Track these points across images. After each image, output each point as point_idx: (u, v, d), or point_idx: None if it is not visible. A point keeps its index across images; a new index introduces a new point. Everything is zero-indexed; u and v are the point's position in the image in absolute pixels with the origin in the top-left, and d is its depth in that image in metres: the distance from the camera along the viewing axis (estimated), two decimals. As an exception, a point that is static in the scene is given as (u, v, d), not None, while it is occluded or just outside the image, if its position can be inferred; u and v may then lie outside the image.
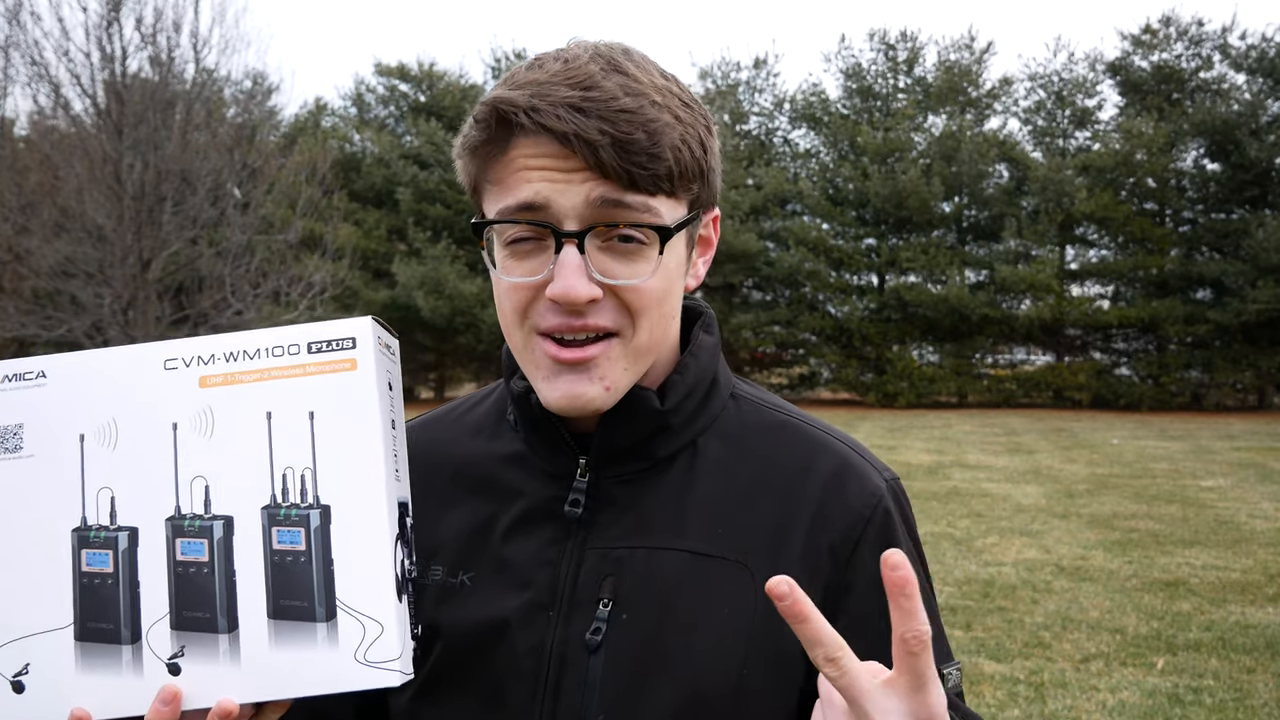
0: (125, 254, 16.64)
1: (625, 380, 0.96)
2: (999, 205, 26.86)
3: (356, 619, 0.83)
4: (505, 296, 0.96)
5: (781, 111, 30.19)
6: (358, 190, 27.96)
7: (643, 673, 0.95)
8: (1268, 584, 6.87)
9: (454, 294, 25.29)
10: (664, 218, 0.92)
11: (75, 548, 0.86)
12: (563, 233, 0.90)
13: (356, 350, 0.87)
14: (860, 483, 1.01)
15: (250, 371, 0.87)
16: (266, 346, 0.87)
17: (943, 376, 26.35)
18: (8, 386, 0.89)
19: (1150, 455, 14.58)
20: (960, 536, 8.45)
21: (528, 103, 0.89)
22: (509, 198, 0.92)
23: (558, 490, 1.01)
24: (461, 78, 30.69)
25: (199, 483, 0.86)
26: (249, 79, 21.66)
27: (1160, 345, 26.30)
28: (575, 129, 0.87)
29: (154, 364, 0.88)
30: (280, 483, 0.85)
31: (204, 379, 0.87)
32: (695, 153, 0.94)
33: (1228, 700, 4.76)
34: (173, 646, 0.84)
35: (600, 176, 0.89)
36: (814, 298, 27.81)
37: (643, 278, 0.92)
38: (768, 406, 1.09)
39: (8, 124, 19.19)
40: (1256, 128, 24.74)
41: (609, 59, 0.92)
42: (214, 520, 0.85)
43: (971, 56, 28.36)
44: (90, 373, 0.89)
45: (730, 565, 0.97)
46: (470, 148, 0.97)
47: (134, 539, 0.85)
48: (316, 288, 18.26)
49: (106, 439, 0.87)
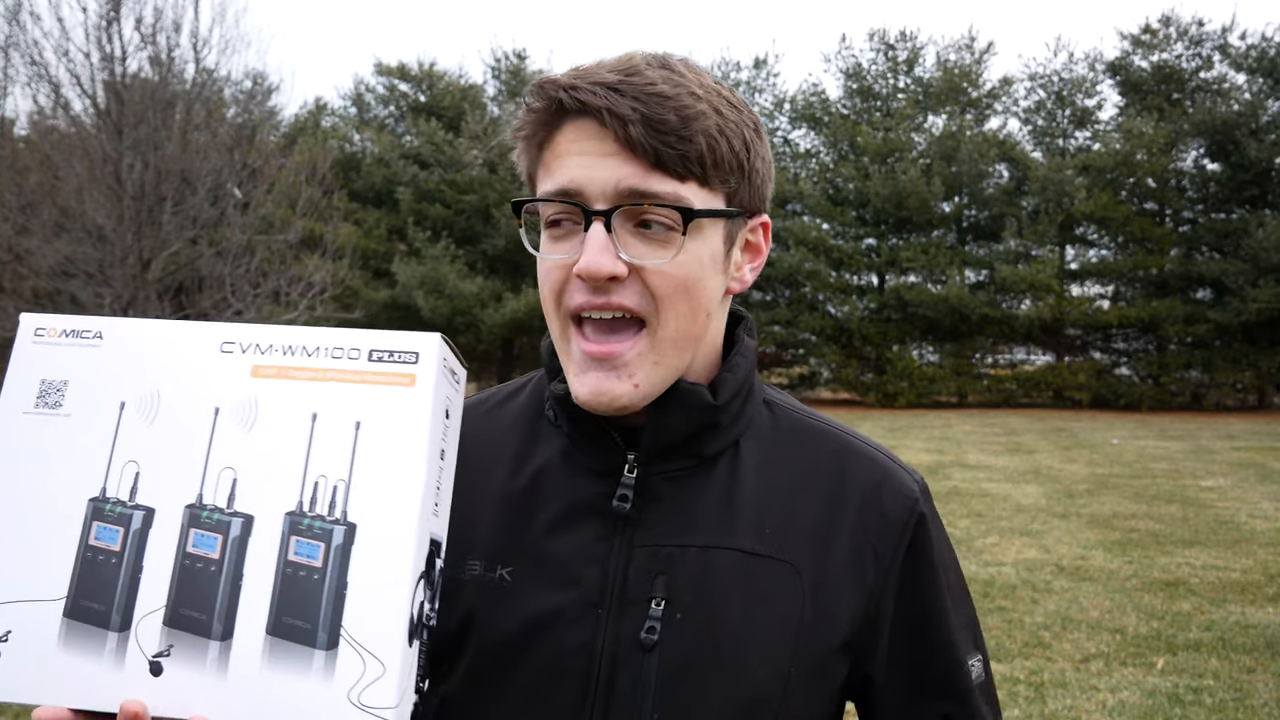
0: (125, 254, 16.63)
1: (656, 377, 0.96)
2: (999, 205, 26.86)
3: (358, 653, 0.77)
4: (544, 279, 0.98)
5: (782, 111, 30.18)
6: (358, 190, 27.97)
7: (697, 672, 0.95)
8: (1268, 584, 6.87)
9: (454, 294, 25.29)
10: (692, 204, 0.94)
11: (88, 518, 0.82)
12: (591, 211, 0.92)
13: (418, 366, 0.83)
14: (897, 488, 1.05)
15: (305, 368, 0.83)
16: (327, 346, 0.84)
17: (943, 376, 26.34)
18: (63, 341, 0.86)
19: (1150, 455, 14.58)
20: (960, 536, 8.45)
21: (569, 81, 0.93)
22: (549, 182, 0.95)
23: (603, 486, 1.01)
24: (461, 78, 30.69)
25: (227, 474, 0.81)
26: (249, 79, 21.65)
27: (1160, 345, 26.30)
28: (608, 104, 0.90)
29: (211, 343, 0.85)
30: (310, 490, 0.80)
31: (257, 368, 0.84)
32: (734, 146, 0.96)
33: (1228, 700, 4.76)
34: (160, 643, 0.79)
35: (629, 156, 0.91)
36: (814, 298, 27.80)
37: (666, 259, 0.93)
38: (799, 413, 1.11)
39: (8, 124, 19.18)
40: (1256, 128, 24.74)
41: (659, 58, 0.96)
42: (234, 516, 0.80)
43: (971, 57, 28.37)
44: (145, 341, 0.86)
45: (779, 565, 0.99)
46: (525, 136, 0.99)
47: (148, 520, 0.81)
48: (316, 288, 18.26)
49: (146, 411, 0.83)
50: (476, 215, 27.33)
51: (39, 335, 0.86)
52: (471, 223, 27.43)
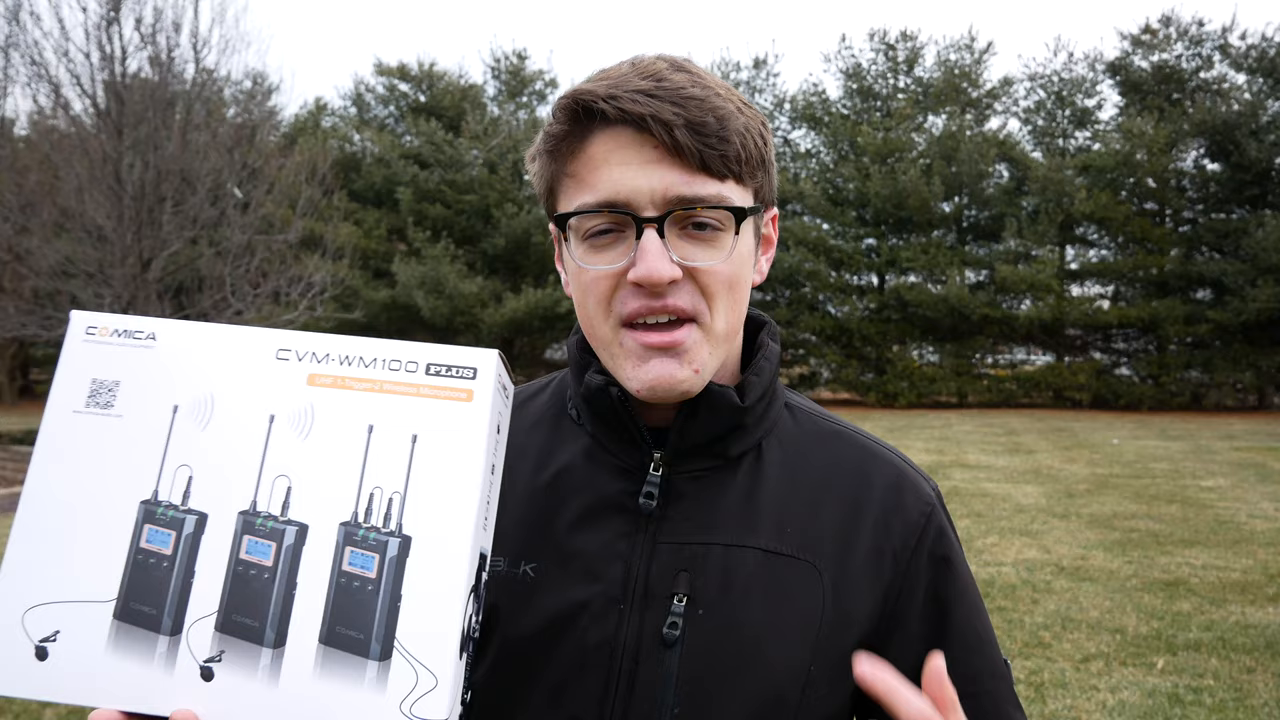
0: (125, 254, 16.63)
1: (712, 365, 0.99)
2: (999, 205, 26.86)
3: (411, 665, 0.77)
4: (589, 289, 0.98)
5: (782, 112, 30.18)
6: (358, 190, 27.96)
7: (718, 668, 0.96)
8: (1268, 584, 6.87)
9: (454, 294, 25.29)
10: (736, 203, 0.97)
11: (139, 520, 0.81)
12: (643, 219, 0.94)
13: (476, 381, 0.83)
14: (915, 493, 1.07)
15: (362, 379, 0.83)
16: (384, 358, 0.84)
17: (943, 376, 26.34)
18: (115, 341, 0.85)
19: (1150, 455, 14.57)
20: (960, 536, 8.40)
21: (606, 92, 0.94)
22: (588, 193, 0.96)
23: (628, 484, 1.02)
24: (461, 78, 30.68)
25: (281, 482, 0.81)
26: (249, 79, 21.66)
27: (1160, 345, 26.28)
28: (652, 111, 0.92)
29: (267, 350, 0.85)
30: (366, 502, 0.80)
31: (313, 376, 0.84)
32: (757, 143, 0.99)
33: (1228, 700, 4.75)
34: (212, 649, 0.78)
35: (674, 160, 0.93)
36: (814, 298, 27.80)
37: (720, 259, 0.96)
38: (820, 416, 1.13)
39: (8, 124, 19.19)
40: (1256, 128, 24.73)
41: (672, 61, 0.99)
42: (288, 524, 0.80)
43: (971, 57, 28.36)
44: (199, 345, 0.85)
45: (800, 564, 1.00)
46: (549, 148, 1.00)
47: (201, 525, 0.81)
48: (316, 288, 18.27)
49: (199, 416, 0.83)
50: (476, 215, 27.32)
51: (90, 333, 0.86)
52: (471, 223, 27.42)
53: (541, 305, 24.89)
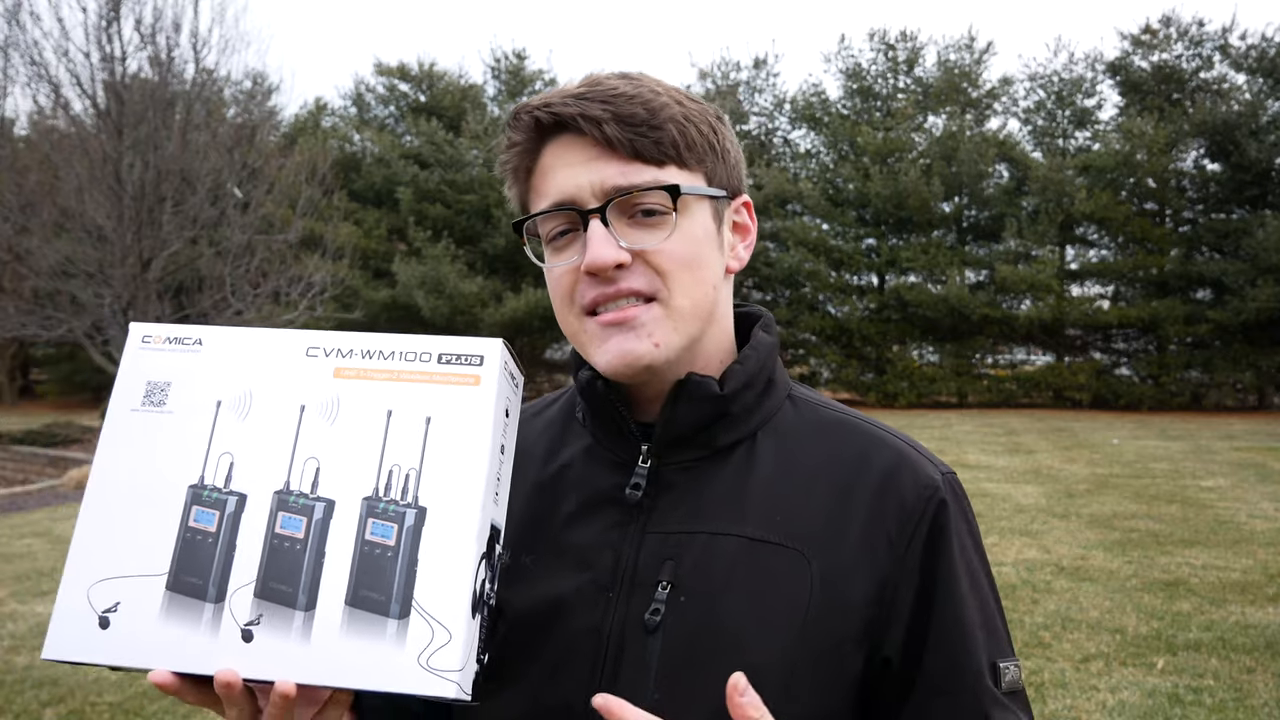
0: (125, 254, 16.63)
1: (675, 340, 1.01)
2: (999, 205, 26.85)
3: (427, 622, 0.85)
4: (555, 287, 1.04)
5: (781, 111, 30.18)
6: (358, 190, 27.95)
7: (699, 655, 0.97)
8: (1268, 584, 6.87)
9: (454, 293, 25.29)
10: (671, 182, 1.00)
11: (188, 503, 0.90)
12: (585, 211, 0.99)
13: (483, 368, 0.92)
14: (916, 476, 1.03)
15: (381, 370, 0.93)
16: (401, 350, 0.94)
17: (943, 376, 26.34)
18: (166, 347, 0.97)
19: (1150, 455, 14.57)
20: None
21: (540, 101, 1.01)
22: (542, 200, 1.02)
23: (620, 477, 1.05)
24: (461, 78, 30.68)
25: (311, 463, 0.90)
26: (249, 79, 21.67)
27: (1160, 345, 26.28)
28: (580, 110, 0.98)
29: (297, 349, 0.95)
30: (385, 478, 0.89)
31: (339, 370, 0.93)
32: (701, 130, 1.02)
33: (1228, 700, 4.75)
34: (251, 613, 0.87)
35: (610, 154, 0.98)
36: (814, 298, 27.79)
37: (663, 238, 0.99)
38: (825, 406, 1.12)
39: (8, 124, 19.19)
40: (1256, 128, 24.72)
41: (624, 74, 1.04)
42: (317, 500, 0.89)
43: (971, 56, 28.36)
44: (240, 347, 0.96)
45: (787, 552, 1.00)
46: (512, 168, 1.06)
47: (241, 504, 0.90)
48: (316, 287, 18.27)
49: (240, 409, 0.93)
50: (476, 215, 27.32)
51: (146, 341, 0.98)
52: (472, 223, 27.42)
53: (541, 305, 24.89)
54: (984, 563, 1.06)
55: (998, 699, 0.99)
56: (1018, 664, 1.04)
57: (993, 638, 1.03)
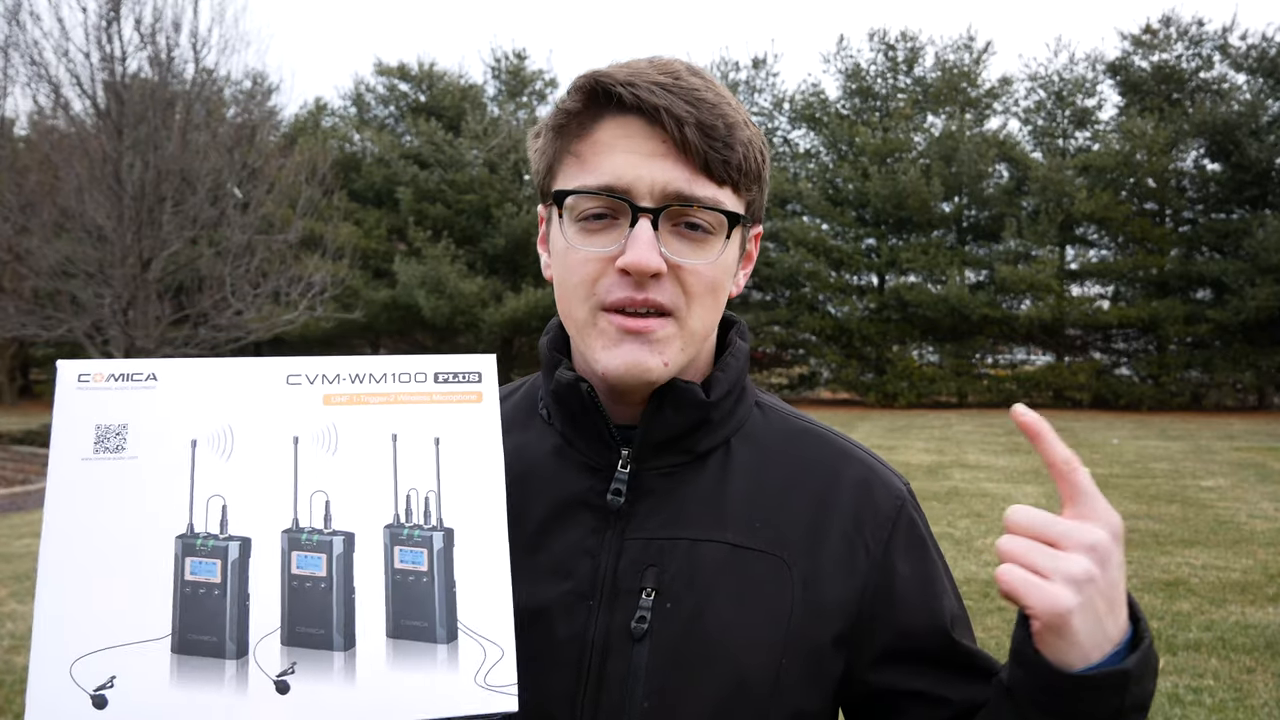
0: (125, 254, 16.63)
1: (680, 360, 1.00)
2: (999, 205, 26.85)
3: (478, 642, 0.83)
4: (575, 269, 0.99)
5: (781, 111, 30.17)
6: (358, 190, 27.95)
7: (687, 662, 0.96)
8: (1268, 584, 6.87)
9: (454, 293, 25.30)
10: (730, 208, 0.99)
11: (179, 555, 0.83)
12: (639, 208, 0.95)
13: (483, 384, 0.91)
14: (885, 489, 1.07)
15: (376, 394, 0.89)
16: (393, 372, 0.90)
17: (943, 376, 26.34)
18: (113, 385, 0.87)
19: (1150, 455, 14.57)
20: (960, 536, 8.45)
21: (625, 78, 0.96)
22: (589, 176, 0.97)
23: (596, 482, 1.03)
24: (461, 78, 30.68)
25: (319, 497, 0.85)
26: (249, 79, 21.66)
27: (1160, 345, 26.28)
28: (667, 104, 0.94)
29: (275, 378, 0.88)
30: (404, 504, 0.86)
31: (328, 397, 0.88)
32: (757, 159, 1.01)
33: (1228, 700, 4.75)
34: (283, 663, 0.82)
35: (679, 157, 0.95)
36: (814, 298, 27.79)
37: (706, 260, 0.98)
38: (790, 415, 1.14)
39: (8, 124, 19.19)
40: (1256, 128, 24.73)
41: (689, 66, 1.01)
42: (334, 535, 0.84)
43: (971, 56, 28.36)
44: (205, 380, 0.88)
45: (769, 558, 1.00)
46: (558, 124, 1.01)
47: (246, 549, 0.84)
48: (316, 287, 18.27)
49: (221, 447, 0.86)
50: (477, 215, 27.32)
51: (84, 381, 0.87)
52: (472, 222, 27.42)
53: (542, 305, 24.89)
54: (942, 561, 1.11)
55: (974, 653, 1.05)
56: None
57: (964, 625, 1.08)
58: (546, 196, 1.04)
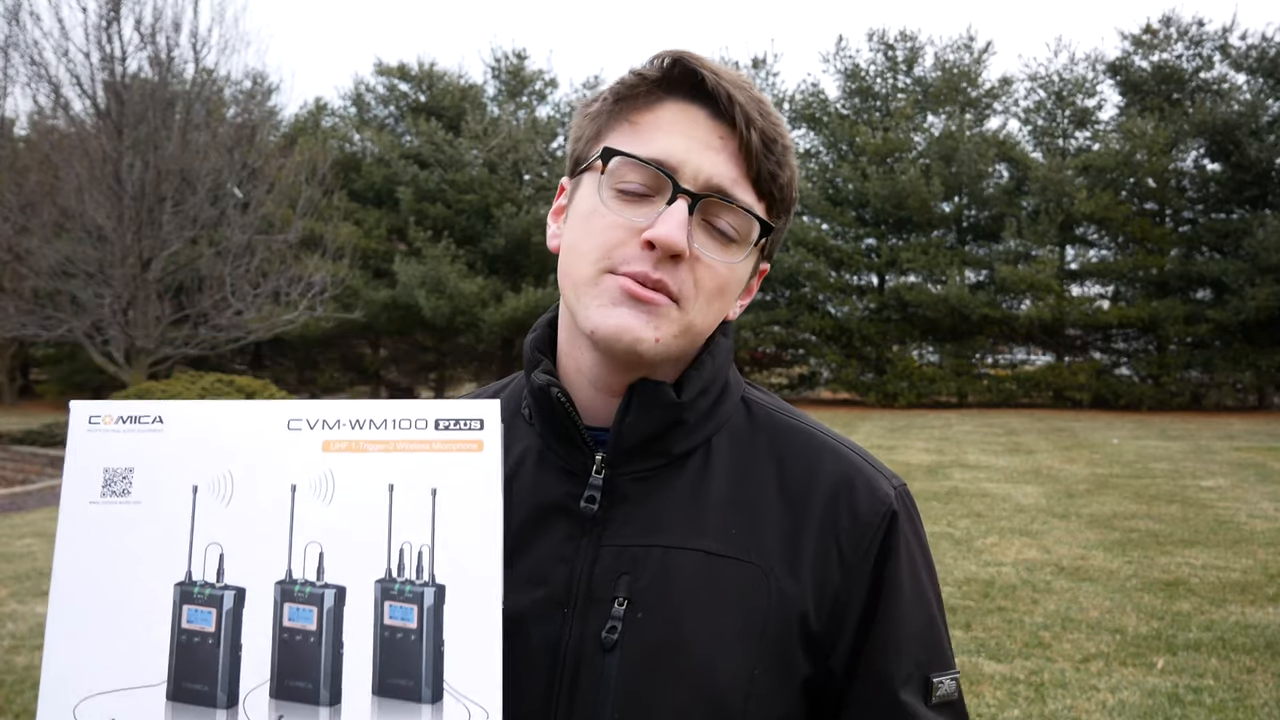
0: (125, 254, 16.64)
1: (673, 345, 0.98)
2: (999, 205, 26.85)
3: (463, 704, 0.82)
4: (598, 232, 0.97)
5: (781, 111, 29.92)
6: (358, 190, 27.96)
7: (658, 671, 0.94)
8: (1268, 584, 6.87)
9: (455, 293, 25.30)
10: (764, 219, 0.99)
11: (177, 602, 0.83)
12: (680, 188, 0.94)
13: (484, 432, 0.87)
14: (870, 491, 1.02)
15: (375, 441, 0.87)
16: (393, 418, 0.87)
17: (943, 376, 26.34)
18: (121, 428, 0.87)
19: (1150, 455, 14.57)
20: (960, 536, 8.45)
21: (711, 69, 0.97)
22: (642, 145, 0.97)
23: (572, 486, 1.01)
24: (461, 78, 30.68)
25: (313, 548, 0.84)
26: (249, 79, 21.67)
27: (1160, 345, 26.29)
28: (744, 100, 0.96)
29: (277, 422, 0.87)
30: (397, 557, 0.84)
31: (327, 443, 0.86)
32: (792, 192, 1.02)
33: (1228, 700, 4.75)
34: (271, 715, 0.82)
35: (734, 156, 0.96)
36: (814, 298, 27.80)
37: (726, 260, 0.98)
38: (778, 411, 1.10)
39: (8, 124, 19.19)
40: (1257, 128, 24.73)
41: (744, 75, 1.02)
42: (325, 588, 0.83)
43: (970, 56, 28.36)
44: (209, 423, 0.87)
45: (744, 566, 0.98)
46: (624, 89, 1.00)
47: (240, 599, 0.83)
48: (316, 288, 18.27)
49: (220, 493, 0.85)
50: (476, 215, 27.33)
51: (94, 423, 0.88)
52: (472, 222, 27.43)
53: (542, 304, 24.89)
54: (931, 574, 1.06)
55: (917, 714, 0.99)
56: (955, 676, 1.03)
57: (930, 651, 1.02)
58: (580, 164, 1.02)
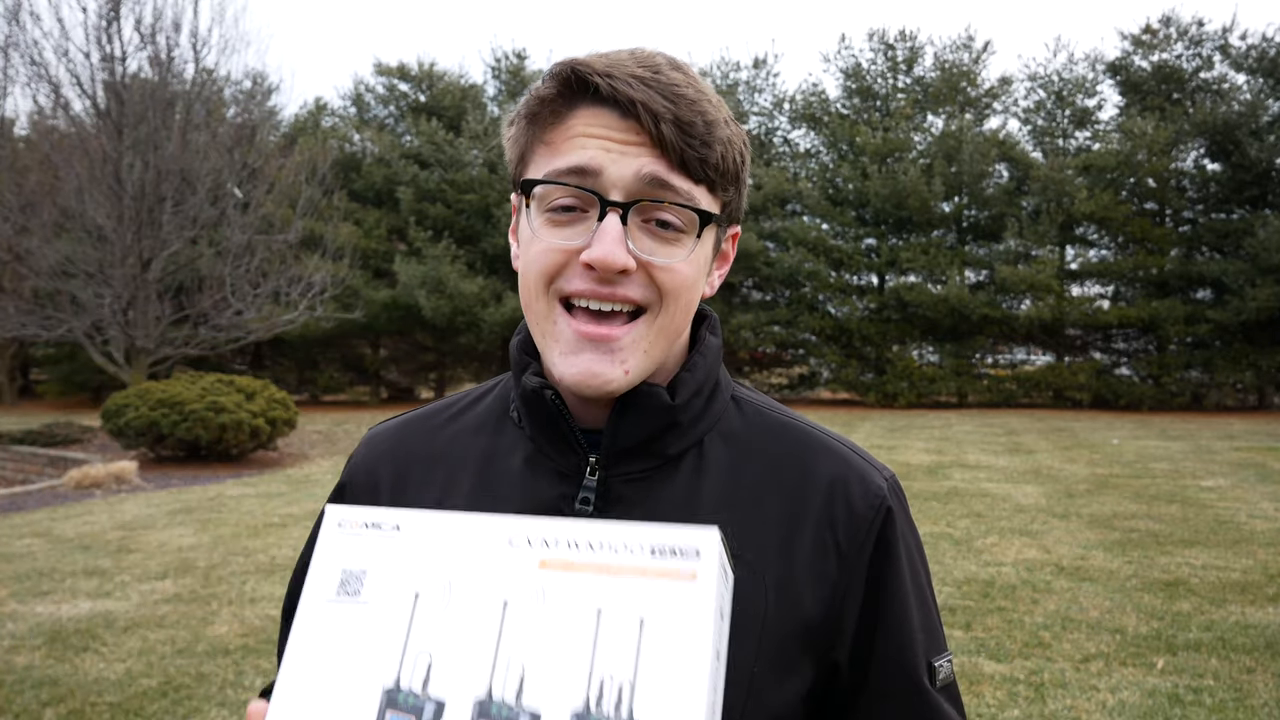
0: (125, 254, 16.64)
1: (644, 365, 0.97)
2: (999, 205, 26.86)
3: None
4: (536, 260, 0.96)
5: (781, 111, 30.18)
6: (358, 190, 27.97)
7: None
8: (1268, 584, 6.87)
9: (455, 293, 25.31)
10: (703, 206, 0.96)
11: (381, 706, 0.83)
12: (608, 201, 0.92)
13: (700, 561, 0.83)
14: (864, 484, 1.03)
15: (589, 564, 0.85)
16: (609, 541, 0.85)
17: (943, 376, 26.35)
18: (363, 532, 0.89)
19: (1150, 455, 14.57)
20: (960, 536, 8.45)
21: (604, 68, 0.93)
22: (559, 160, 0.94)
23: (566, 489, 1.01)
24: (461, 78, 30.70)
25: (515, 669, 0.82)
26: (249, 79, 21.69)
27: (1160, 345, 26.30)
28: (645, 98, 0.91)
29: (500, 536, 0.86)
30: (597, 689, 0.81)
31: (544, 562, 0.85)
32: (736, 159, 0.98)
33: (1228, 700, 4.75)
34: None
35: (653, 152, 0.93)
36: (814, 298, 27.81)
37: (677, 259, 0.95)
38: (767, 409, 1.10)
39: (8, 124, 19.19)
40: (1257, 128, 24.74)
41: (670, 60, 0.98)
42: (521, 712, 0.81)
43: (970, 56, 28.37)
44: (439, 532, 0.88)
45: (740, 564, 0.98)
46: (531, 112, 0.98)
47: (439, 713, 0.82)
48: (316, 288, 18.28)
49: (439, 602, 0.85)
50: (477, 215, 27.33)
51: (341, 526, 0.90)
52: (472, 222, 27.44)
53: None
54: (923, 561, 1.08)
55: (934, 699, 1.01)
56: (950, 657, 1.06)
57: (930, 637, 1.04)
58: (518, 185, 1.01)
